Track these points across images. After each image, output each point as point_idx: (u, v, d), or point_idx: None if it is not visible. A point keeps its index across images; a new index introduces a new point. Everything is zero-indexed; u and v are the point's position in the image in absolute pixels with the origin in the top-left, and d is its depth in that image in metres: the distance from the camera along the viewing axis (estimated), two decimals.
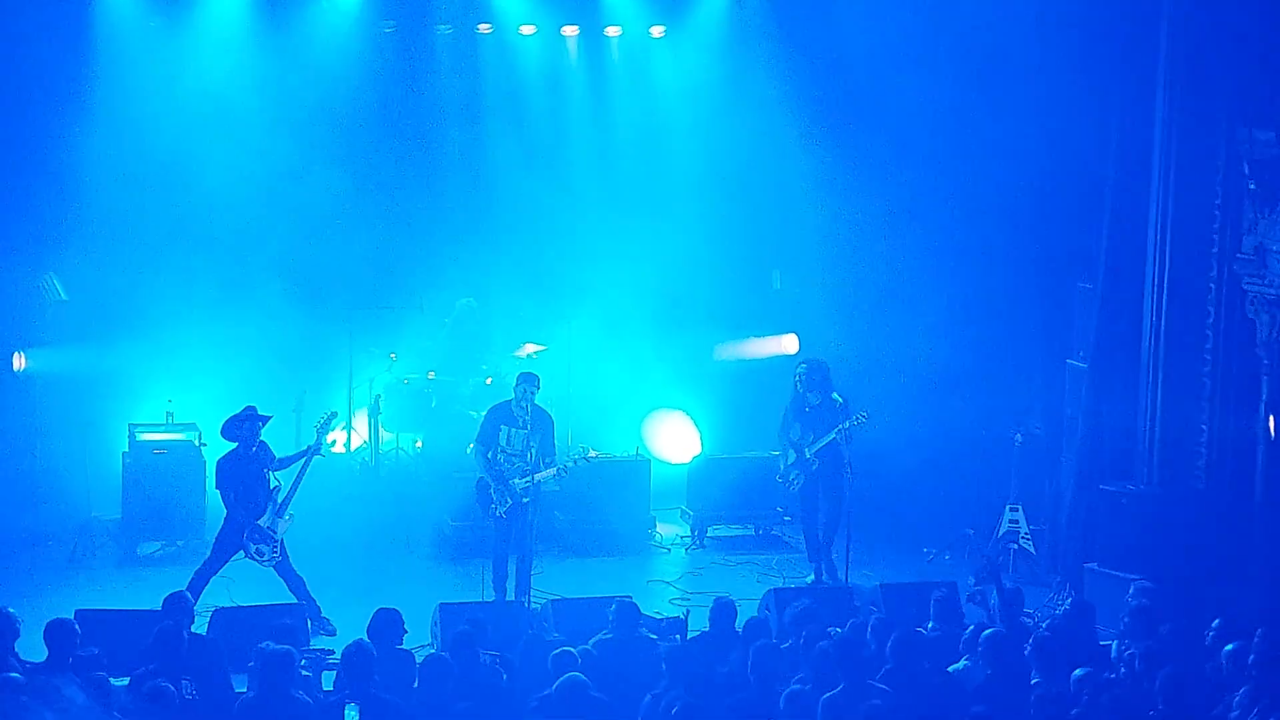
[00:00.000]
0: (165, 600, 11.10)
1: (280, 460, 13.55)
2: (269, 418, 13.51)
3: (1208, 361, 14.29)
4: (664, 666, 10.29)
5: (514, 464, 13.66)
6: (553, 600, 13.27)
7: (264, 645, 9.99)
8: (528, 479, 13.60)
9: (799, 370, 15.05)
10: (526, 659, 10.82)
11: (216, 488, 13.41)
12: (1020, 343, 16.20)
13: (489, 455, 13.69)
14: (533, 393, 13.62)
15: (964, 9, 15.61)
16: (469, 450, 14.09)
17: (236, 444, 13.35)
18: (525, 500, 13.66)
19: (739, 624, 11.37)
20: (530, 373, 13.86)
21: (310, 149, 17.17)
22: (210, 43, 16.89)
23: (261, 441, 13.45)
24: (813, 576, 15.07)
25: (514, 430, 13.67)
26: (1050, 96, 15.32)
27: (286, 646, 9.87)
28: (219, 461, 13.42)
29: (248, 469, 13.34)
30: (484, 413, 14.14)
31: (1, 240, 15.83)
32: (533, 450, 13.64)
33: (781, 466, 15.12)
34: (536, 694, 9.86)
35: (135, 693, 9.68)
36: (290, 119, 17.17)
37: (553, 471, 13.69)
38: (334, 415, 13.73)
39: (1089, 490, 14.82)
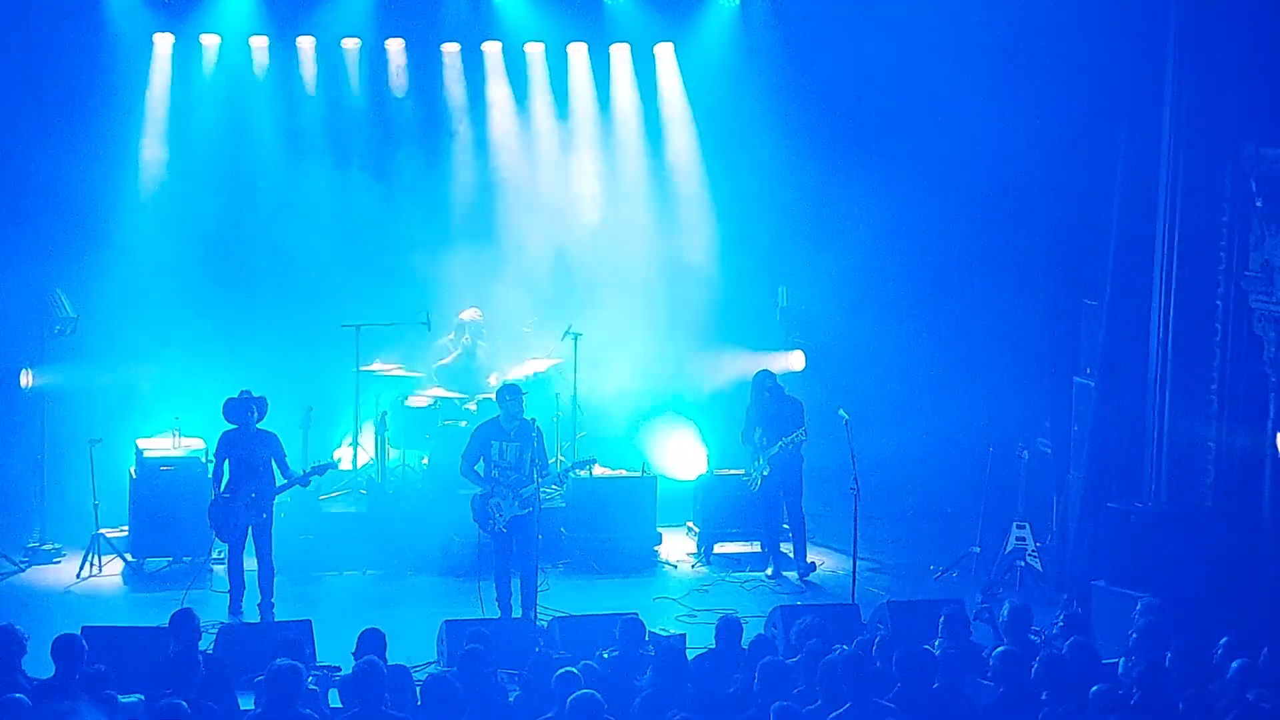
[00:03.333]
0: (173, 618, 11.08)
1: (287, 472, 14.01)
2: (261, 399, 14.03)
3: (1215, 379, 14.26)
4: (649, 674, 10.31)
5: (509, 477, 13.72)
6: (558, 617, 13.25)
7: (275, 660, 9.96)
8: (524, 490, 13.62)
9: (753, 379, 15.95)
10: (535, 676, 10.79)
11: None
12: (1027, 359, 16.20)
13: (480, 470, 13.76)
14: (519, 405, 13.71)
15: (970, 26, 15.63)
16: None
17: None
18: (524, 513, 13.67)
19: (745, 641, 11.34)
20: (511, 385, 14.05)
21: (317, 164, 17.24)
22: (217, 60, 16.95)
23: (269, 433, 14.01)
24: (771, 569, 15.69)
25: (506, 444, 13.75)
26: (1057, 114, 15.34)
27: (294, 662, 9.85)
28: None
29: (237, 443, 13.89)
30: (472, 430, 14.22)
31: (10, 257, 15.87)
32: (526, 461, 13.68)
33: (748, 473, 15.88)
34: (545, 712, 9.84)
35: (148, 712, 9.67)
36: (297, 134, 17.24)
37: (552, 479, 13.80)
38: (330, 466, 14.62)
39: (1096, 507, 14.79)
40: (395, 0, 17.26)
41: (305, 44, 17.32)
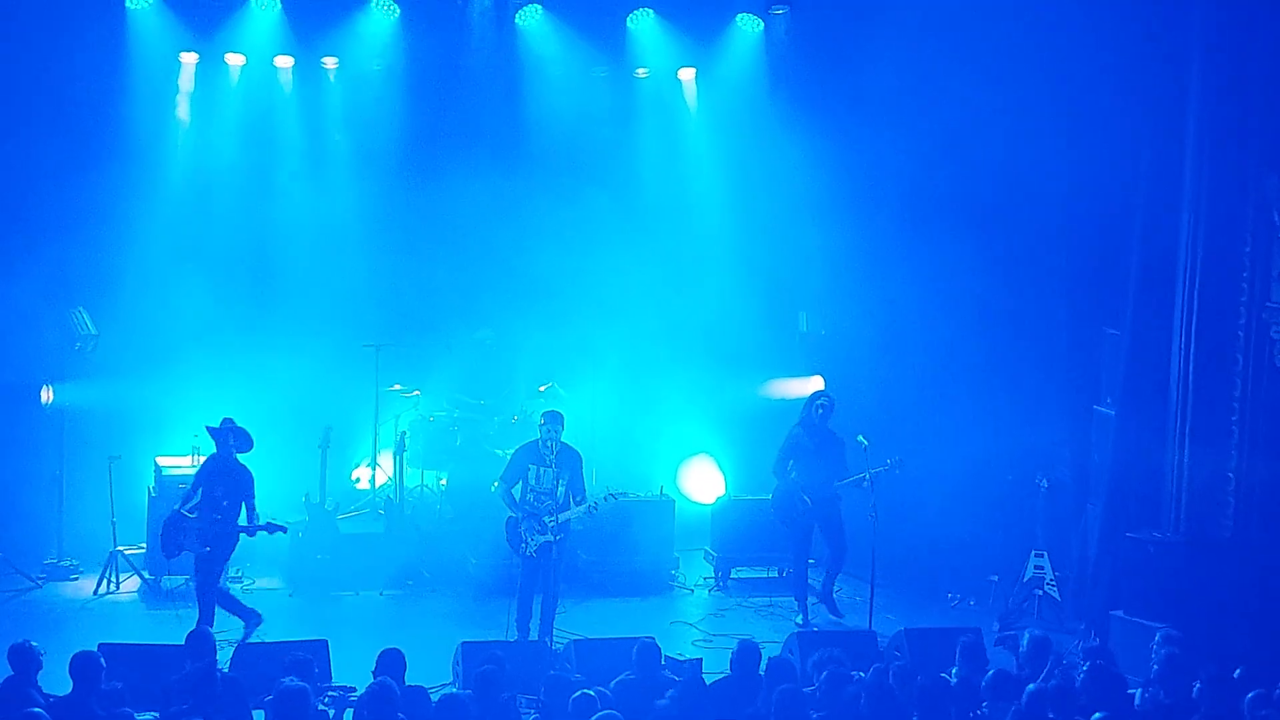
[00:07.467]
0: (189, 637, 11.09)
1: (251, 515, 13.50)
2: (240, 430, 13.58)
3: (1236, 410, 14.21)
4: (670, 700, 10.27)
5: (544, 502, 13.65)
6: (575, 640, 13.23)
7: (282, 680, 9.94)
8: (556, 517, 13.59)
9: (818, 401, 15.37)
10: (550, 700, 10.78)
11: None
12: (1047, 388, 16.13)
13: (517, 494, 13.70)
14: (558, 430, 13.63)
15: (992, 57, 15.62)
16: (494, 488, 14.09)
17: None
18: (555, 539, 13.65)
19: (762, 667, 11.30)
20: (554, 411, 13.88)
21: (338, 186, 17.30)
22: (241, 80, 17.03)
23: (243, 469, 13.50)
24: (801, 618, 15.19)
25: (543, 469, 13.68)
26: (1079, 142, 15.32)
27: (301, 683, 9.83)
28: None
29: (212, 470, 13.62)
30: (511, 451, 14.16)
31: (31, 274, 15.92)
32: (562, 487, 13.65)
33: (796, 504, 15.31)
34: None
35: None
36: (319, 156, 17.30)
37: (584, 509, 13.69)
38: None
39: (1115, 537, 14.75)
40: (419, 21, 17.29)
41: (330, 64, 17.37)
